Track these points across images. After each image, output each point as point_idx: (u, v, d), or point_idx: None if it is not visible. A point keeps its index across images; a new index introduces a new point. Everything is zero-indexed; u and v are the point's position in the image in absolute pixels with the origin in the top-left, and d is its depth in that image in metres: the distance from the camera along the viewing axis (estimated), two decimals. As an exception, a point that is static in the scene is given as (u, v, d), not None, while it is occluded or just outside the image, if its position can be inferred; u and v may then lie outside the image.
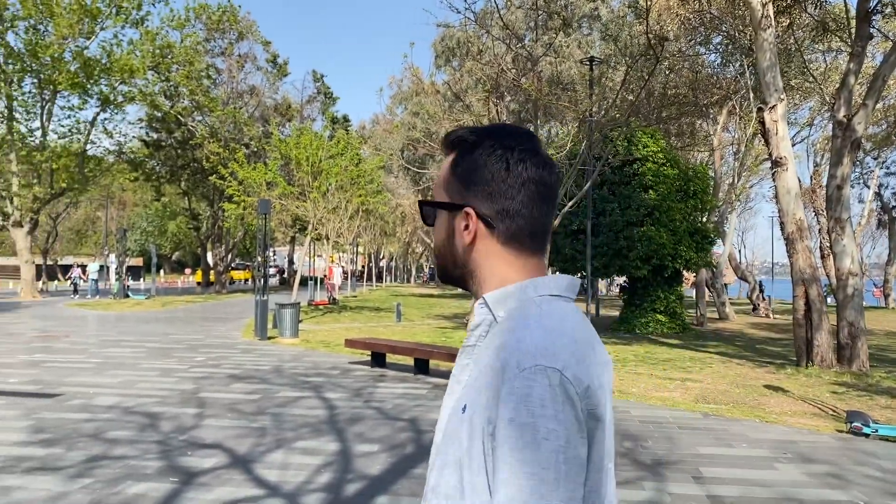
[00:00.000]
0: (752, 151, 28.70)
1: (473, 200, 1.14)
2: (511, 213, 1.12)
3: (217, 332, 18.01)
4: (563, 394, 0.97)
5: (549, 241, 1.16)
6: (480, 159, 1.15)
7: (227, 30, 37.85)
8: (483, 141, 1.16)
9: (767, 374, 12.11)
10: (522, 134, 1.17)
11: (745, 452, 6.61)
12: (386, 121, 46.23)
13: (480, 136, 1.17)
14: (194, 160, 37.03)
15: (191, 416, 7.72)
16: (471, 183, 1.15)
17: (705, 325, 23.57)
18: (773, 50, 11.92)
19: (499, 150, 1.14)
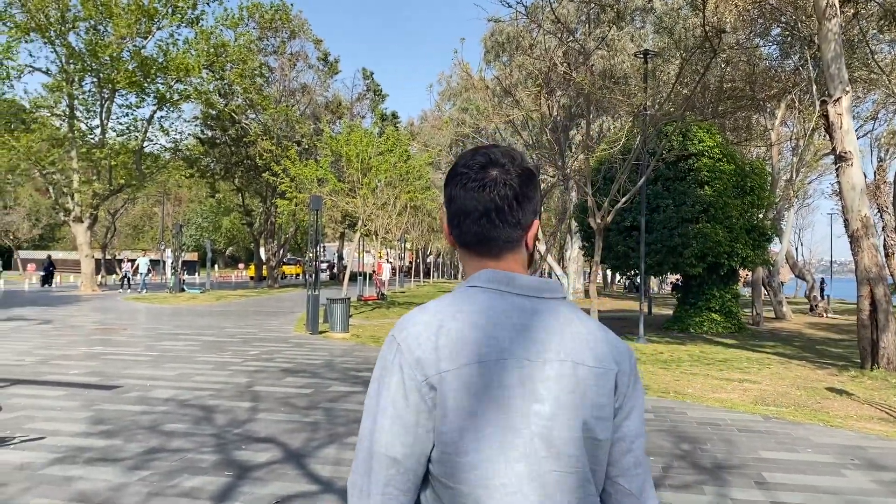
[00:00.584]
0: (811, 146, 27.86)
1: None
2: (453, 226, 1.34)
3: (270, 326, 18.25)
4: (394, 359, 1.20)
5: (497, 246, 1.30)
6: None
7: (279, 28, 38.34)
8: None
9: (829, 376, 11.71)
10: (466, 156, 1.35)
11: (809, 457, 6.37)
12: (434, 117, 46.24)
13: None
14: (247, 157, 37.64)
15: (245, 410, 7.79)
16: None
17: (762, 325, 22.96)
18: (837, 40, 11.49)
19: (449, 174, 1.38)
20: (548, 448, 1.17)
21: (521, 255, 1.33)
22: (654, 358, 13.60)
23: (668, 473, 5.74)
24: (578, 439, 1.18)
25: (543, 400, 1.17)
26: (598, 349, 1.24)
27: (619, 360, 1.26)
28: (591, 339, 1.24)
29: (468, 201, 1.29)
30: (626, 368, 1.26)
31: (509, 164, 1.30)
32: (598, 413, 1.20)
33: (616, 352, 1.26)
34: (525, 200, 1.30)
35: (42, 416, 7.27)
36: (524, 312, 1.23)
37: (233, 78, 33.87)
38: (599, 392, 1.21)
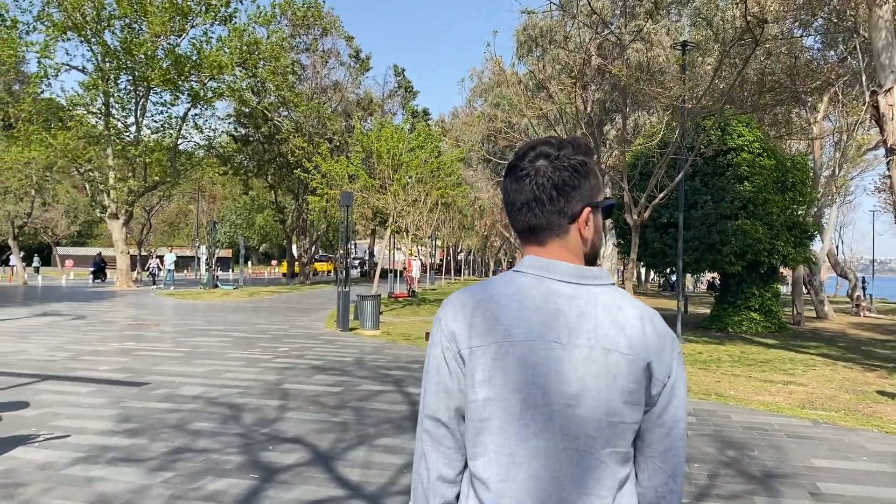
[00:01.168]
0: (853, 141, 27.04)
1: None
2: (507, 215, 1.45)
3: (301, 322, 18.16)
4: (436, 333, 1.37)
5: (542, 234, 1.38)
6: None
7: (311, 25, 38.38)
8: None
9: (879, 378, 11.22)
10: (521, 149, 1.44)
11: (866, 467, 5.99)
12: (465, 114, 45.99)
13: None
14: (280, 155, 37.75)
15: (273, 409, 7.62)
16: None
17: (803, 325, 22.32)
18: (889, 28, 10.97)
19: (506, 167, 1.48)
20: (566, 427, 1.25)
21: (570, 242, 1.38)
22: (693, 358, 13.19)
23: (714, 482, 5.41)
24: (600, 421, 1.25)
25: (569, 382, 1.25)
26: (634, 337, 1.27)
27: (659, 349, 1.29)
28: (628, 327, 1.28)
29: (514, 192, 1.40)
30: (667, 358, 1.30)
31: (556, 154, 1.37)
32: (629, 399, 1.26)
33: (655, 340, 1.29)
34: (569, 189, 1.36)
35: (68, 413, 7.17)
36: (561, 297, 1.31)
37: (265, 75, 33.94)
38: (630, 379, 1.26)
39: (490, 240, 64.46)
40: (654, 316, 1.33)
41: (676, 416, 1.32)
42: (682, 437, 1.34)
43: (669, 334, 1.32)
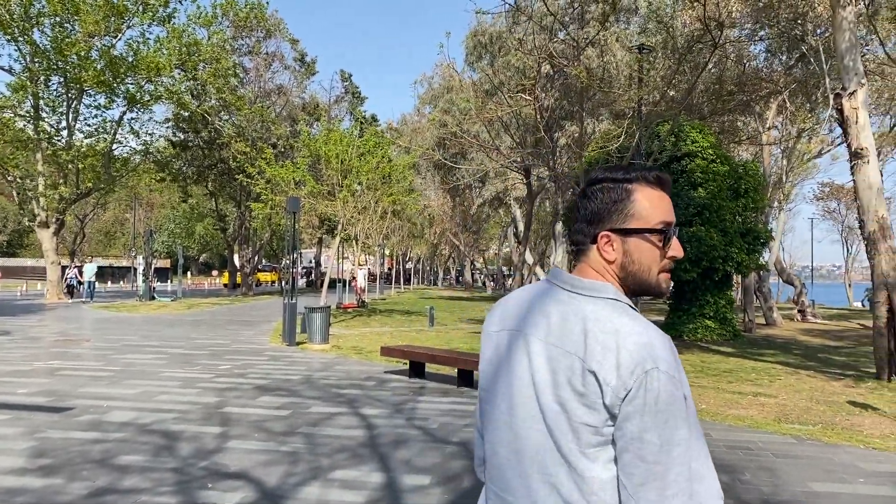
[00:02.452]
0: (799, 149, 27.39)
1: None
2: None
3: (243, 336, 17.20)
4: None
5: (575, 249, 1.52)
6: None
7: (254, 27, 37.26)
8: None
9: (847, 388, 10.96)
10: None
11: (866, 490, 5.53)
12: (414, 121, 45.36)
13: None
14: (221, 160, 36.46)
15: (213, 437, 6.81)
16: None
17: (754, 331, 22.33)
18: (852, 30, 10.77)
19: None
20: (532, 411, 1.38)
21: (591, 261, 1.47)
22: (656, 369, 12.76)
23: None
24: (556, 413, 1.34)
25: (536, 371, 1.39)
26: (594, 347, 1.31)
27: (618, 364, 1.28)
28: (593, 337, 1.32)
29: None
30: (625, 374, 1.27)
31: (594, 178, 1.50)
32: (582, 400, 1.30)
33: (618, 356, 1.29)
34: (588, 213, 1.47)
35: (-27, 449, 6.24)
36: (555, 301, 1.43)
37: (206, 78, 32.70)
38: (583, 382, 1.30)
39: (440, 248, 63.91)
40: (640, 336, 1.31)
41: (635, 436, 1.27)
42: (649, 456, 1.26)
43: (638, 357, 1.28)
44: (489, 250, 78.23)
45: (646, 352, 1.29)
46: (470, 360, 9.84)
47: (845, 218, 56.72)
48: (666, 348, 1.30)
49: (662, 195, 1.47)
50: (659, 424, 1.25)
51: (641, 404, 1.26)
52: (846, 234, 57.79)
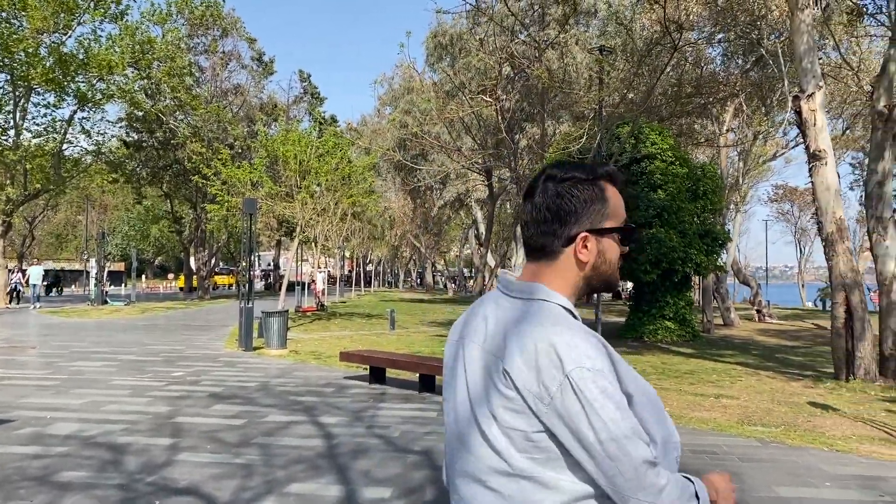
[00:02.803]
0: (755, 151, 27.79)
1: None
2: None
3: (198, 341, 16.74)
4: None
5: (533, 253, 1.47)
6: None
7: (210, 26, 36.53)
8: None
9: (806, 388, 11.03)
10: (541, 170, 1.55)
11: (833, 494, 5.47)
12: (374, 122, 45.00)
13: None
14: (176, 161, 35.67)
15: (163, 449, 6.49)
16: None
17: (712, 332, 22.55)
18: (811, 32, 10.86)
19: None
20: (470, 419, 1.39)
21: (560, 264, 1.43)
22: (618, 371, 12.72)
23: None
24: (488, 420, 1.34)
25: (471, 378, 1.40)
26: (514, 351, 1.31)
27: (538, 369, 1.28)
28: (516, 342, 1.32)
29: (524, 211, 1.46)
30: (546, 378, 1.27)
31: (562, 176, 1.43)
32: (507, 403, 1.31)
33: (537, 360, 1.28)
34: (563, 212, 1.41)
35: None
36: (494, 307, 1.45)
37: (160, 77, 31.91)
38: (507, 387, 1.31)
39: (400, 250, 63.62)
40: (558, 340, 1.29)
41: (571, 445, 1.28)
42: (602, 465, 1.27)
43: (556, 362, 1.27)
44: (450, 252, 78.17)
45: (564, 354, 1.27)
46: (432, 364, 9.63)
47: (798, 220, 57.97)
48: (589, 346, 1.29)
49: (618, 192, 1.48)
50: (593, 420, 1.25)
51: (566, 406, 1.26)
52: (799, 236, 59.06)
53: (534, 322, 1.33)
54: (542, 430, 1.29)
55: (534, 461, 1.30)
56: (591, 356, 1.27)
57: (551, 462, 1.30)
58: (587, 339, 1.30)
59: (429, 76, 31.17)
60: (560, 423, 1.27)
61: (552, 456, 1.30)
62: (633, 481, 1.26)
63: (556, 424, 1.27)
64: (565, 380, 1.25)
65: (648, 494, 1.26)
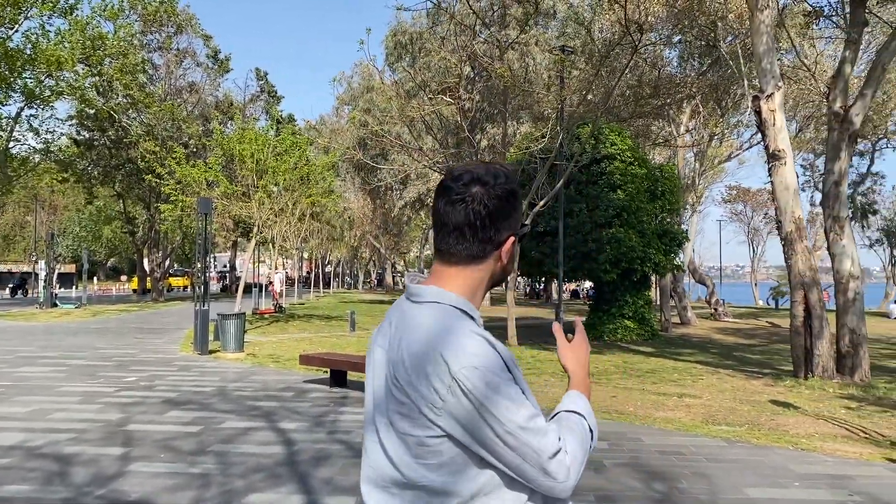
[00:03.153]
0: (711, 152, 28.19)
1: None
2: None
3: (152, 345, 16.26)
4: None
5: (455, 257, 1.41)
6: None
7: (164, 22, 35.68)
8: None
9: (766, 386, 11.12)
10: (455, 170, 1.46)
11: (802, 494, 5.45)
12: (333, 121, 44.52)
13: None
14: (129, 160, 34.73)
15: (114, 459, 6.19)
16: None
17: (670, 331, 22.78)
18: (770, 33, 10.95)
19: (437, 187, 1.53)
20: (374, 418, 1.39)
21: (482, 268, 1.41)
22: (581, 371, 12.68)
23: (656, 529, 4.64)
24: (386, 426, 1.34)
25: (376, 384, 1.40)
26: (405, 356, 1.31)
27: (427, 375, 1.27)
28: (406, 346, 1.32)
29: (447, 214, 1.39)
30: (437, 383, 1.26)
31: (493, 182, 1.39)
32: (400, 409, 1.30)
33: (425, 364, 1.28)
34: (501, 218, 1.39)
35: None
36: (400, 312, 1.42)
37: (112, 73, 30.99)
38: (401, 392, 1.30)
39: (360, 251, 63.15)
40: (444, 340, 1.29)
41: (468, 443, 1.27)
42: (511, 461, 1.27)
43: (441, 363, 1.26)
44: (410, 253, 77.90)
45: (450, 355, 1.26)
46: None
47: (751, 220, 59.17)
48: (476, 343, 1.28)
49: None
50: (486, 417, 1.25)
51: (459, 407, 1.25)
52: (752, 236, 60.27)
53: (423, 326, 1.33)
54: (438, 435, 1.27)
55: (428, 467, 1.29)
56: (477, 353, 1.26)
57: (445, 467, 1.28)
58: (474, 337, 1.29)
59: (389, 76, 30.93)
60: (456, 425, 1.26)
61: (445, 460, 1.28)
62: (539, 468, 1.28)
63: (452, 427, 1.26)
64: (453, 381, 1.25)
65: (558, 475, 1.29)
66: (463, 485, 1.29)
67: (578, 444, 1.36)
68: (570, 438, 1.35)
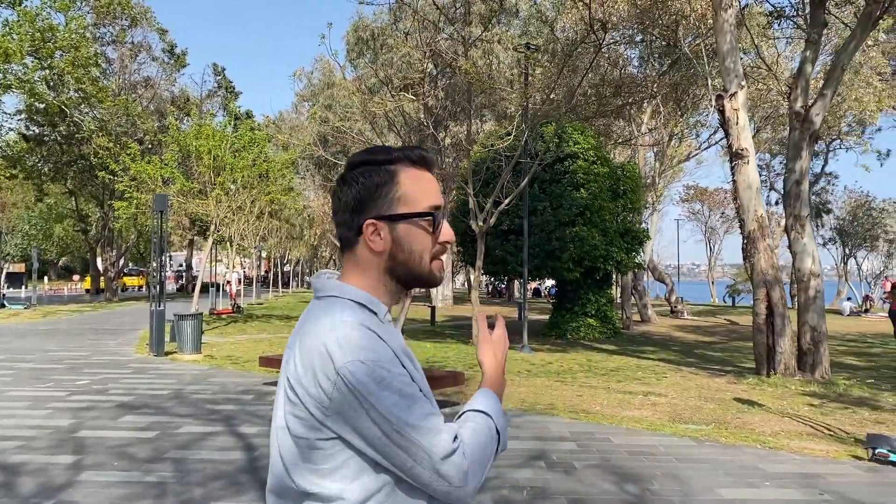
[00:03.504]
0: (668, 152, 28.47)
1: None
2: None
3: (105, 347, 15.75)
4: None
5: (342, 248, 1.39)
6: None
7: (118, 15, 34.74)
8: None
9: (730, 384, 11.18)
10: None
11: (774, 494, 5.41)
12: (292, 119, 43.89)
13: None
14: (81, 156, 33.72)
15: (63, 468, 5.88)
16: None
17: (632, 329, 22.91)
18: (733, 32, 11.00)
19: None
20: (274, 424, 1.29)
21: (359, 257, 1.35)
22: (546, 370, 12.64)
23: (631, 533, 4.53)
24: (281, 429, 1.25)
25: (281, 381, 1.29)
26: (295, 354, 1.24)
27: (314, 372, 1.20)
28: (301, 344, 1.24)
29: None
30: (322, 380, 1.19)
31: (355, 161, 1.36)
32: (293, 410, 1.23)
33: (312, 360, 1.20)
34: (353, 201, 1.34)
35: None
36: (306, 311, 1.34)
37: (63, 67, 30.06)
38: (292, 391, 1.23)
39: (320, 250, 62.49)
40: (333, 335, 1.20)
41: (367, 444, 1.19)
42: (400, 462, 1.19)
43: (326, 358, 1.18)
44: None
45: (335, 350, 1.19)
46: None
47: (708, 219, 60.13)
48: (364, 336, 1.20)
49: (428, 176, 1.38)
50: (372, 414, 1.18)
51: (345, 405, 1.18)
52: (709, 235, 61.26)
53: (314, 321, 1.26)
54: (328, 437, 1.20)
55: (320, 473, 1.21)
56: (364, 347, 1.19)
57: (338, 472, 1.21)
58: (362, 330, 1.21)
59: (350, 73, 30.58)
60: (345, 425, 1.19)
61: (338, 465, 1.21)
62: (432, 470, 1.19)
63: (341, 427, 1.19)
64: (338, 377, 1.18)
65: (453, 479, 1.20)
66: (358, 492, 1.20)
67: (480, 446, 1.26)
68: (471, 440, 1.25)
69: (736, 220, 13.24)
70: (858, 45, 11.64)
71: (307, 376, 1.20)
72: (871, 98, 22.02)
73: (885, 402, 9.69)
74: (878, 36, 20.48)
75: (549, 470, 6.00)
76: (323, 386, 1.19)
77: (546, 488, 5.47)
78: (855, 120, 29.07)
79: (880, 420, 8.46)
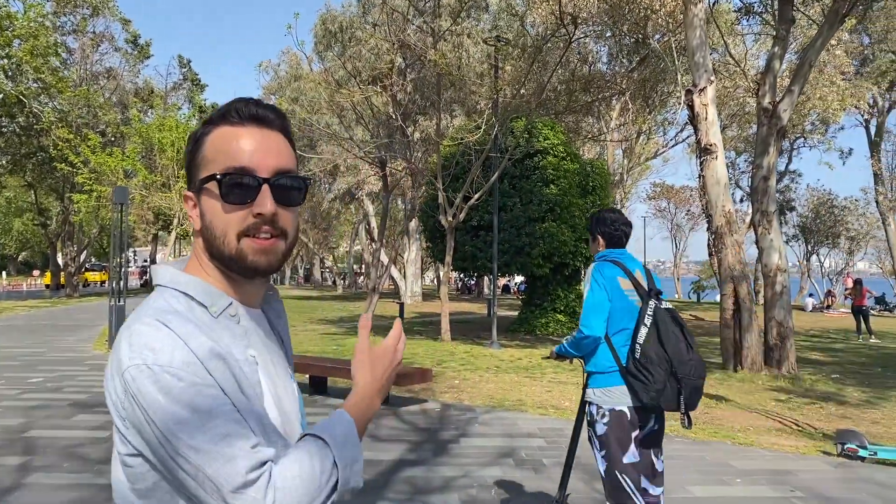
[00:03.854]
0: (636, 149, 28.65)
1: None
2: None
3: (63, 343, 15.31)
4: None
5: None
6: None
7: (78, 4, 33.92)
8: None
9: (698, 379, 11.17)
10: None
11: (745, 492, 5.34)
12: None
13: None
14: (41, 148, 32.87)
15: (10, 470, 5.60)
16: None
17: (600, 325, 22.95)
18: (703, 27, 11.00)
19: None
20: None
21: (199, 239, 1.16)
22: (516, 366, 12.54)
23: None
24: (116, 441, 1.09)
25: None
26: (112, 351, 1.07)
27: (113, 375, 1.04)
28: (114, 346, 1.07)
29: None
30: (118, 384, 1.02)
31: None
32: (114, 422, 1.07)
33: (111, 360, 1.06)
34: (189, 168, 1.17)
35: None
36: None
37: (21, 56, 29.26)
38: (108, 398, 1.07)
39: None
40: (125, 333, 1.04)
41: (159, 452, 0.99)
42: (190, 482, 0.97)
43: (122, 357, 1.01)
44: (339, 248, 76.95)
45: (125, 350, 1.01)
46: (323, 365, 9.06)
47: (674, 216, 60.75)
48: (160, 335, 1.01)
49: (247, 132, 1.11)
50: (153, 430, 0.98)
51: (133, 414, 1.00)
52: (675, 232, 61.91)
53: (131, 317, 1.10)
54: (132, 453, 1.04)
55: (137, 494, 1.05)
56: (155, 349, 0.99)
57: (152, 495, 1.04)
58: (156, 326, 1.02)
59: (317, 65, 30.19)
60: (141, 440, 1.01)
61: (150, 486, 1.04)
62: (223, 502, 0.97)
63: (139, 442, 1.02)
64: (122, 381, 1.01)
65: None
66: None
67: (303, 480, 1.01)
68: (291, 472, 1.00)
69: (702, 218, 13.32)
70: (826, 42, 11.73)
71: (112, 381, 1.04)
72: (834, 97, 22.35)
73: (851, 396, 9.76)
74: (841, 36, 20.78)
75: (518, 468, 5.88)
76: (117, 391, 1.02)
77: (515, 486, 5.34)
78: (819, 118, 29.50)
79: (846, 415, 8.50)
